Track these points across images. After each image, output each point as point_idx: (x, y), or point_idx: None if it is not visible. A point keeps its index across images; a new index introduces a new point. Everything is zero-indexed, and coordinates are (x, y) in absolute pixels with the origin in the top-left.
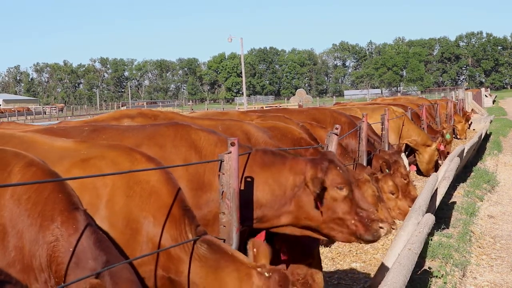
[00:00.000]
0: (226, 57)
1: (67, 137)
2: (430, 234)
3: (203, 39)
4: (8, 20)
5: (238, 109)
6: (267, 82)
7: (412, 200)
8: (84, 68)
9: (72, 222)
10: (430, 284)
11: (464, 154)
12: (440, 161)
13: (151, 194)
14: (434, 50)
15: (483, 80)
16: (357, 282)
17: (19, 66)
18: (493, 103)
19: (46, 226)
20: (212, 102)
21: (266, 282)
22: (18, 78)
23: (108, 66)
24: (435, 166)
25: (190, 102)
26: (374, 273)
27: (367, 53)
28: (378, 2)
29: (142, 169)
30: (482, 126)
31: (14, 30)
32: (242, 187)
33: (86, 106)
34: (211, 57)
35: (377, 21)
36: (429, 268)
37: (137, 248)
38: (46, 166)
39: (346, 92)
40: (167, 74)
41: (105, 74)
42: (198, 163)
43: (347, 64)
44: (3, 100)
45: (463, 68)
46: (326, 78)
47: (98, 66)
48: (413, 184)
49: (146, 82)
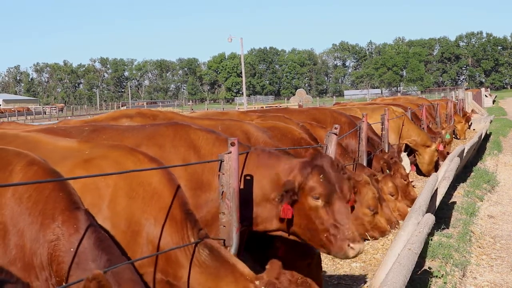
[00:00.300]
0: (226, 57)
1: (68, 137)
2: (430, 234)
3: (203, 39)
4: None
5: (238, 109)
6: (267, 82)
7: (411, 201)
8: (84, 68)
9: (73, 221)
10: (430, 284)
11: (464, 154)
12: (440, 161)
13: (153, 196)
14: (434, 50)
15: (483, 80)
16: (357, 282)
17: (19, 66)
18: (493, 103)
19: (47, 225)
20: (212, 102)
21: None
22: (18, 78)
23: (108, 66)
24: (435, 166)
25: (190, 102)
26: (374, 273)
27: (367, 53)
28: (378, 2)
29: (143, 169)
30: (482, 126)
31: (14, 30)
32: (241, 186)
33: (86, 106)
34: (211, 57)
35: (377, 21)
36: (429, 268)
37: (137, 250)
38: (47, 165)
39: (346, 92)
40: (167, 74)
41: (105, 74)
42: (199, 163)
43: (347, 64)
44: (3, 100)
45: (463, 68)
46: (326, 78)
47: (98, 66)
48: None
49: (146, 82)
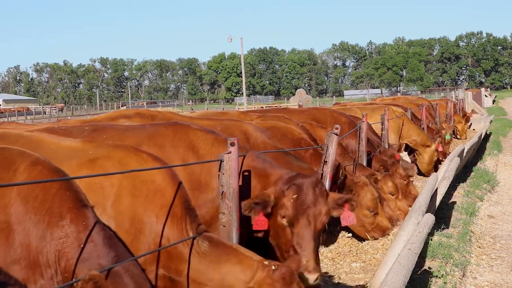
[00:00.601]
0: (226, 57)
1: (69, 136)
2: (430, 234)
3: (203, 39)
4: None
5: (238, 109)
6: (267, 82)
7: (413, 199)
8: (84, 68)
9: (81, 219)
10: (430, 284)
11: (464, 154)
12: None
13: (156, 194)
14: (434, 50)
15: (483, 80)
16: (357, 282)
17: (19, 66)
18: (493, 103)
19: (54, 223)
20: (212, 102)
21: (270, 274)
22: (18, 78)
23: (108, 66)
24: (435, 166)
25: (190, 102)
26: (374, 273)
27: (367, 53)
28: (378, 2)
29: (144, 168)
30: (482, 126)
31: (14, 30)
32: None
33: (86, 106)
34: (211, 57)
35: (377, 21)
36: (429, 268)
37: (141, 247)
38: (52, 165)
39: (346, 92)
40: (167, 74)
41: (105, 74)
42: (199, 163)
43: (347, 64)
44: (3, 100)
45: (463, 68)
46: (326, 78)
47: (98, 66)
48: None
49: (146, 82)
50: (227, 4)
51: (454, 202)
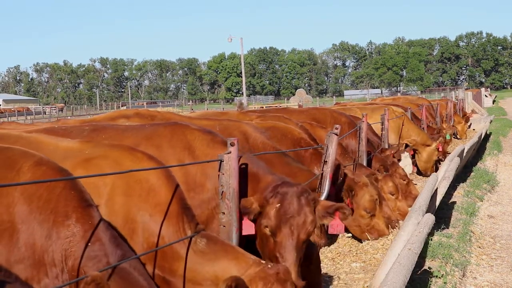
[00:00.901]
0: (226, 57)
1: (69, 136)
2: (430, 234)
3: (203, 39)
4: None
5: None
6: (267, 82)
7: (413, 199)
8: (84, 68)
9: (87, 218)
10: (430, 284)
11: (464, 154)
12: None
13: (150, 193)
14: (434, 50)
15: (483, 80)
16: (357, 282)
17: (19, 66)
18: (493, 103)
19: (60, 222)
20: (212, 102)
21: (265, 269)
22: (18, 78)
23: (108, 66)
24: (435, 166)
25: (190, 102)
26: (374, 273)
27: (367, 53)
28: (378, 2)
29: (142, 168)
30: (482, 126)
31: (14, 30)
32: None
33: (86, 106)
34: (211, 57)
35: (377, 21)
36: (429, 268)
37: (134, 247)
38: (55, 164)
39: (346, 92)
40: (167, 74)
41: (105, 74)
42: (199, 163)
43: (347, 64)
44: (3, 100)
45: (463, 68)
46: (326, 78)
47: (98, 66)
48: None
49: (146, 82)
50: (227, 4)
51: (454, 202)
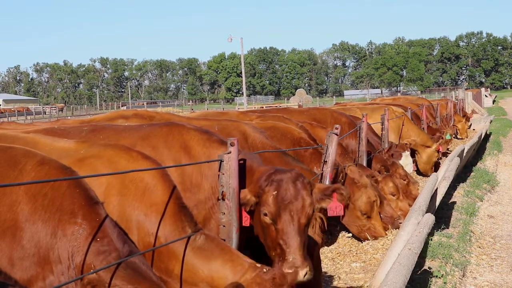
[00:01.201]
0: (226, 57)
1: (67, 136)
2: (430, 234)
3: (203, 39)
4: (8, 20)
5: (238, 109)
6: (267, 82)
7: (414, 199)
8: (84, 68)
9: (94, 215)
10: (430, 284)
11: (464, 154)
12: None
13: (145, 192)
14: (434, 50)
15: (483, 80)
16: (357, 282)
17: (19, 66)
18: (493, 103)
19: (66, 220)
20: (212, 102)
21: (260, 274)
22: (18, 78)
23: (108, 66)
24: (435, 166)
25: (190, 102)
26: (374, 273)
27: (367, 53)
28: (378, 2)
29: (139, 169)
30: (482, 126)
31: (14, 30)
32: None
33: (86, 106)
34: (211, 57)
35: (377, 21)
36: (429, 268)
37: None
38: (58, 163)
39: (346, 92)
40: (167, 74)
41: (105, 74)
42: (199, 163)
43: (347, 64)
44: (3, 100)
45: (463, 68)
46: (326, 78)
47: (98, 66)
48: (414, 183)
49: (146, 82)
50: (227, 4)
51: (454, 202)
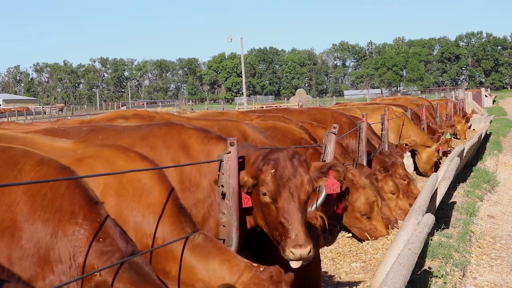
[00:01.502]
0: (226, 57)
1: (67, 137)
2: (430, 234)
3: (203, 39)
4: (8, 20)
5: (238, 109)
6: (267, 82)
7: (414, 199)
8: (84, 68)
9: (95, 215)
10: (430, 284)
11: (464, 154)
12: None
13: (143, 193)
14: (434, 50)
15: (483, 80)
16: (357, 282)
17: (19, 66)
18: (493, 103)
19: (66, 221)
20: (212, 102)
21: (257, 274)
22: (18, 78)
23: (108, 66)
24: (435, 166)
25: (190, 102)
26: (374, 273)
27: (367, 53)
28: (378, 2)
29: (138, 169)
30: (482, 126)
31: (14, 30)
32: None
33: (86, 106)
34: (211, 57)
35: (377, 21)
36: (429, 268)
37: None
38: (57, 163)
39: (346, 92)
40: (167, 74)
41: (105, 74)
42: (198, 163)
43: (347, 64)
44: (3, 100)
45: (463, 68)
46: (326, 78)
47: (98, 66)
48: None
49: (146, 82)
50: (227, 4)
51: (454, 202)
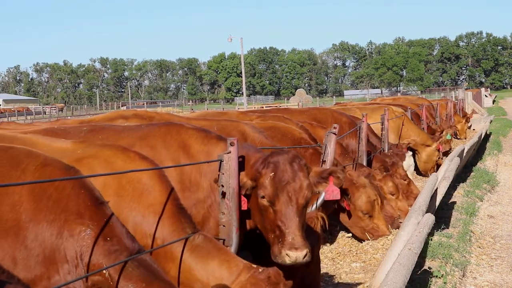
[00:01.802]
0: (226, 57)
1: (66, 136)
2: (430, 234)
3: (203, 39)
4: (8, 20)
5: (238, 109)
6: (267, 82)
7: (414, 199)
8: (84, 68)
9: (101, 215)
10: (430, 284)
11: (464, 154)
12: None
13: (143, 193)
14: (434, 50)
15: (483, 80)
16: (357, 282)
17: (19, 66)
18: (493, 103)
19: (72, 221)
20: (212, 102)
21: (255, 274)
22: (18, 78)
23: (108, 66)
24: (436, 166)
25: (190, 102)
26: (374, 273)
27: (367, 53)
28: (378, 2)
29: (137, 169)
30: (482, 126)
31: (14, 30)
32: None
33: (86, 106)
34: (211, 57)
35: (377, 21)
36: (429, 268)
37: None
38: (61, 164)
39: (346, 92)
40: (167, 74)
41: (105, 74)
42: (198, 163)
43: (347, 64)
44: (3, 100)
45: (463, 68)
46: (326, 78)
47: (98, 66)
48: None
49: (146, 82)
50: (227, 4)
51: (454, 202)
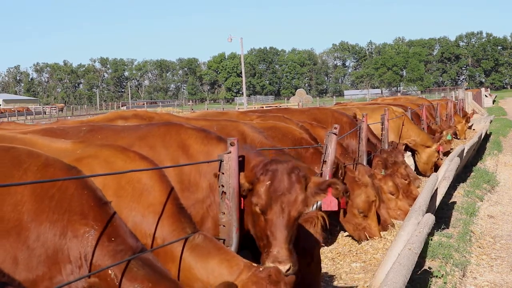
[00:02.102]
0: (226, 57)
1: (66, 137)
2: (430, 234)
3: (203, 39)
4: (8, 20)
5: (238, 109)
6: (267, 82)
7: (414, 199)
8: (84, 68)
9: (104, 215)
10: (430, 284)
11: (464, 154)
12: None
13: (142, 193)
14: (434, 50)
15: (483, 80)
16: (357, 282)
17: (19, 66)
18: (493, 103)
19: (76, 221)
20: (212, 102)
21: (256, 273)
22: (18, 78)
23: (108, 66)
24: (435, 166)
25: (190, 102)
26: (374, 273)
27: (367, 53)
28: (378, 2)
29: (137, 169)
30: (482, 126)
31: (14, 30)
32: None
33: (86, 106)
34: (211, 57)
35: (377, 21)
36: (429, 268)
37: None
38: (63, 164)
39: (346, 92)
40: (167, 74)
41: (105, 74)
42: (198, 163)
43: (347, 64)
44: (3, 100)
45: (463, 68)
46: (326, 78)
47: (98, 66)
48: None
49: (146, 82)
50: (227, 4)
51: (454, 202)
